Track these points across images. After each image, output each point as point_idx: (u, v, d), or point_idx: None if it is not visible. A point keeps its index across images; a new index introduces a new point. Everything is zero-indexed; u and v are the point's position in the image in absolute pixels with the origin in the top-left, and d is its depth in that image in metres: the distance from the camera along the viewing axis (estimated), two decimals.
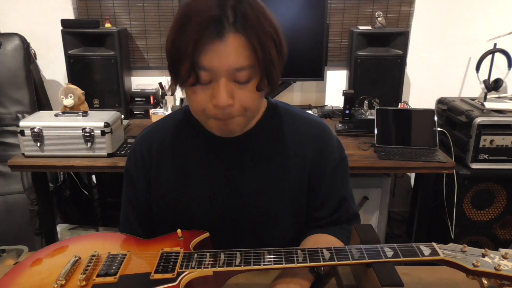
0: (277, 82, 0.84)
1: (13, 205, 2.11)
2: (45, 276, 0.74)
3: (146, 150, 0.96)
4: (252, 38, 0.75)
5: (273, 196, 0.94)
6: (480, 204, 2.04)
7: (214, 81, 0.77)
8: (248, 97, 0.79)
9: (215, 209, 0.94)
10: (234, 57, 0.75)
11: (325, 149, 0.96)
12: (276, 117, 0.96)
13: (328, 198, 0.99)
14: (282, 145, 0.94)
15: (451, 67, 2.45)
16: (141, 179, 0.96)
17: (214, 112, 0.79)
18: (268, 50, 0.77)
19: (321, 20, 2.14)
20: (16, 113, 2.20)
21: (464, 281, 0.78)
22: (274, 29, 0.79)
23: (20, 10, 2.33)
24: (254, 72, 0.78)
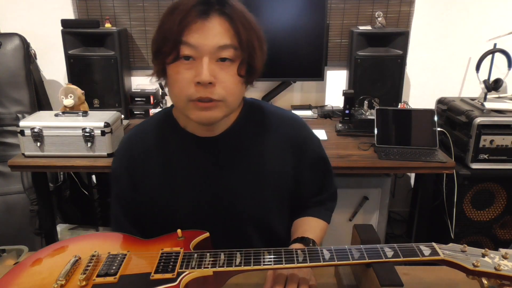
0: (257, 72, 0.87)
1: (13, 205, 2.11)
2: (45, 276, 0.74)
3: (130, 152, 0.97)
4: (236, 22, 0.80)
5: (255, 193, 0.95)
6: (480, 204, 2.04)
7: (197, 59, 0.80)
8: (229, 80, 0.82)
9: (200, 208, 0.95)
10: (218, 35, 0.79)
11: (303, 143, 1.00)
12: (253, 115, 0.98)
13: (312, 185, 1.04)
14: (261, 142, 0.96)
15: (451, 67, 2.45)
16: (127, 180, 0.97)
17: (196, 91, 0.80)
18: (251, 38, 0.82)
19: (321, 20, 2.14)
20: (16, 113, 2.20)
21: (464, 281, 0.78)
22: (257, 26, 0.85)
23: (20, 10, 2.33)
24: (236, 54, 0.82)
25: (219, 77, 0.81)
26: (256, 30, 0.85)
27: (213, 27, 0.79)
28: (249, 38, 0.82)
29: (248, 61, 0.83)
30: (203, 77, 0.78)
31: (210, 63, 0.80)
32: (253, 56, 0.84)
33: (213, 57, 0.80)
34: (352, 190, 2.10)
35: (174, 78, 0.82)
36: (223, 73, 0.81)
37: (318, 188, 1.06)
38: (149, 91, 2.36)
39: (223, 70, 0.81)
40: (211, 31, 0.79)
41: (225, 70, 0.81)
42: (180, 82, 0.81)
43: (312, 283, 0.83)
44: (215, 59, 0.80)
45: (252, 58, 0.84)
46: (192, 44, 0.78)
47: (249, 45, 0.82)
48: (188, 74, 0.81)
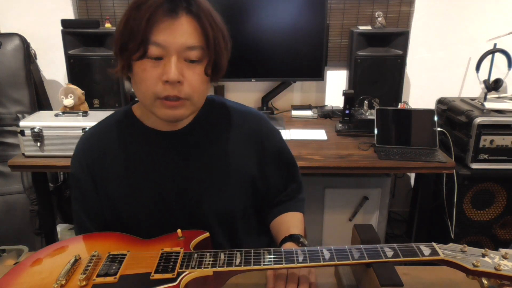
0: (222, 71, 0.88)
1: (13, 205, 2.11)
2: (45, 276, 0.74)
3: (89, 153, 0.96)
4: (204, 22, 0.80)
5: (216, 185, 0.96)
6: (480, 204, 2.04)
7: (165, 57, 0.80)
8: (196, 79, 0.83)
9: (163, 203, 0.95)
10: (186, 35, 0.79)
11: (264, 137, 1.01)
12: (215, 110, 0.99)
13: (277, 178, 1.05)
14: (223, 136, 0.98)
15: (451, 67, 2.45)
16: (88, 181, 0.96)
17: (164, 89, 0.81)
18: (218, 37, 0.83)
19: (321, 20, 2.14)
20: (16, 113, 2.20)
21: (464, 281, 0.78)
22: (222, 25, 0.85)
23: (20, 10, 2.33)
24: (203, 54, 0.82)
25: (186, 76, 0.82)
26: (222, 29, 0.86)
27: (181, 26, 0.79)
28: (216, 37, 0.83)
29: (214, 60, 0.84)
30: (171, 76, 0.79)
31: (178, 62, 0.80)
32: (219, 55, 0.85)
33: (181, 56, 0.80)
34: (352, 190, 2.11)
35: (141, 76, 0.82)
36: (190, 72, 0.82)
37: (283, 180, 1.07)
38: None
39: (190, 69, 0.82)
40: (179, 30, 0.79)
41: (192, 69, 0.82)
42: (147, 80, 0.81)
43: (312, 281, 0.83)
44: (183, 58, 0.81)
45: (218, 57, 0.85)
46: (160, 43, 0.78)
47: (216, 45, 0.83)
48: (155, 72, 0.81)
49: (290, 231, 0.96)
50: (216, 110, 0.99)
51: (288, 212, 1.06)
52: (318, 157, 1.77)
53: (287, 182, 1.09)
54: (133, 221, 0.95)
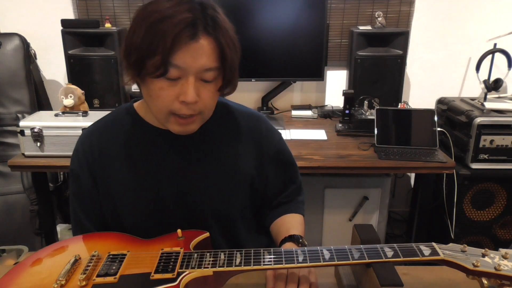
0: (235, 85, 0.91)
1: (13, 205, 2.11)
2: (45, 276, 0.74)
3: (88, 150, 0.96)
4: (222, 43, 0.81)
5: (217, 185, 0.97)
6: (480, 204, 2.04)
7: (183, 78, 0.81)
8: (210, 97, 0.86)
9: (163, 202, 0.95)
10: (206, 58, 0.80)
11: (264, 137, 1.02)
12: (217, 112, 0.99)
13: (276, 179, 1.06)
14: (224, 137, 0.99)
15: (451, 67, 2.45)
16: (86, 177, 0.96)
17: (179, 108, 0.83)
18: (234, 57, 0.85)
19: (321, 20, 2.14)
20: (16, 113, 2.20)
21: (464, 281, 0.78)
22: (237, 43, 0.87)
23: (20, 10, 2.33)
24: (218, 74, 0.84)
25: (201, 95, 0.84)
26: (238, 48, 0.87)
27: (201, 48, 0.80)
28: (232, 58, 0.84)
29: (228, 79, 0.86)
30: (189, 98, 0.81)
31: (196, 81, 0.82)
32: (233, 73, 0.86)
33: (198, 76, 0.82)
34: (352, 190, 2.11)
35: (157, 93, 0.83)
36: (205, 91, 0.84)
37: (282, 181, 1.08)
38: None
39: (206, 88, 0.84)
40: (199, 52, 0.79)
41: (207, 88, 0.84)
42: (164, 98, 0.83)
43: (313, 281, 0.83)
44: (199, 78, 0.82)
45: (232, 76, 0.87)
46: (181, 66, 0.79)
47: (232, 65, 0.85)
48: (172, 91, 0.82)
49: (290, 232, 0.96)
50: (217, 110, 0.99)
51: (288, 214, 1.06)
52: (318, 157, 1.78)
53: (286, 183, 1.09)
54: (132, 219, 0.95)
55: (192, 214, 0.96)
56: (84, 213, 0.98)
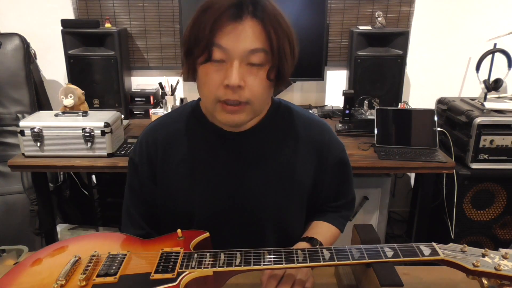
0: (287, 76, 0.86)
1: (13, 205, 2.11)
2: (45, 276, 0.74)
3: (152, 142, 0.96)
4: (268, 26, 0.79)
5: (276, 192, 0.95)
6: (480, 204, 2.04)
7: (227, 61, 0.80)
8: (258, 84, 0.82)
9: (217, 202, 0.94)
10: (250, 39, 0.78)
11: (326, 148, 0.99)
12: (280, 115, 0.98)
13: (329, 189, 1.03)
14: (285, 142, 0.96)
15: (451, 67, 2.45)
16: (145, 169, 0.97)
17: (224, 93, 0.81)
18: (283, 42, 0.81)
19: (321, 20, 2.14)
20: (16, 113, 2.20)
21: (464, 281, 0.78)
22: (289, 30, 0.83)
23: (20, 10, 2.33)
24: (266, 59, 0.81)
25: (248, 81, 0.81)
26: (289, 34, 0.83)
27: (245, 30, 0.78)
28: (280, 43, 0.81)
29: (278, 66, 0.83)
30: (232, 81, 0.78)
31: (240, 67, 0.79)
32: (283, 61, 0.83)
33: (244, 61, 0.80)
34: None
35: (204, 80, 0.82)
36: (252, 77, 0.81)
37: (335, 192, 1.05)
38: (149, 91, 2.36)
39: (253, 74, 0.81)
40: (242, 34, 0.78)
41: (254, 74, 0.81)
42: (209, 84, 0.82)
43: (308, 286, 0.82)
44: (245, 63, 0.80)
45: (282, 63, 0.83)
46: (224, 47, 0.78)
47: (280, 50, 0.81)
48: (217, 76, 0.80)
49: (314, 235, 0.95)
50: (281, 115, 0.98)
51: (325, 223, 1.04)
52: None
53: (339, 196, 1.06)
54: (187, 217, 0.94)
55: (246, 217, 0.95)
56: (135, 205, 0.99)
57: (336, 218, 1.06)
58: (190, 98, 2.42)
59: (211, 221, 0.93)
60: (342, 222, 1.07)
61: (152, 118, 2.25)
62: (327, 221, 1.04)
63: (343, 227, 1.07)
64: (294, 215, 0.99)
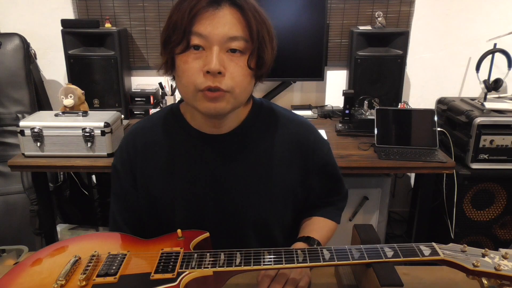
0: (267, 66, 0.86)
1: (13, 205, 2.11)
2: (45, 276, 0.74)
3: (132, 147, 0.96)
4: (248, 14, 0.79)
5: (258, 195, 0.94)
6: (480, 204, 2.04)
7: (207, 49, 0.79)
8: (238, 71, 0.81)
9: (199, 205, 0.94)
10: (229, 25, 0.78)
11: (312, 148, 0.98)
12: (262, 115, 0.96)
13: (320, 190, 1.03)
14: (268, 143, 0.95)
15: (451, 67, 2.45)
16: (127, 175, 0.96)
17: (205, 81, 0.79)
18: (262, 30, 0.82)
19: (321, 20, 2.14)
20: (16, 113, 2.19)
21: (464, 281, 0.78)
22: (268, 21, 0.84)
23: (20, 10, 2.33)
24: (246, 46, 0.81)
25: (228, 68, 0.80)
26: (267, 23, 0.84)
27: (224, 17, 0.78)
28: (259, 30, 0.81)
29: (258, 54, 0.82)
30: (212, 66, 0.77)
31: (220, 53, 0.79)
32: (263, 48, 0.83)
33: (223, 48, 0.79)
34: (352, 190, 2.10)
35: (183, 68, 0.81)
36: (232, 64, 0.80)
37: (326, 192, 1.05)
38: (149, 91, 2.36)
39: (233, 61, 0.80)
40: (221, 21, 0.78)
41: (234, 61, 0.80)
42: (188, 72, 0.80)
43: (302, 285, 0.82)
44: (225, 50, 0.79)
45: (262, 51, 0.83)
46: (202, 33, 0.77)
47: (260, 37, 0.81)
48: (197, 63, 0.79)
49: (311, 234, 0.95)
50: (263, 115, 0.96)
51: (321, 218, 1.03)
52: None
53: (330, 194, 1.06)
54: (169, 220, 0.94)
55: (230, 221, 0.94)
56: (120, 212, 0.99)
57: (331, 211, 1.06)
58: None
59: (193, 225, 0.92)
60: (337, 214, 1.07)
61: None
62: (322, 215, 1.04)
63: (339, 218, 1.07)
64: (276, 217, 0.98)
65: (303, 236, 0.95)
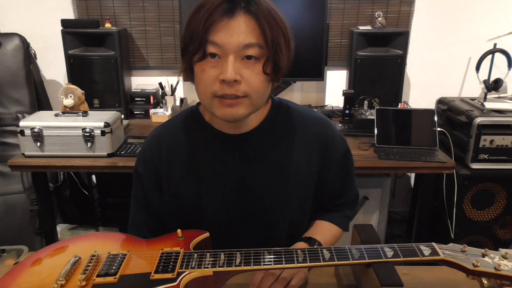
0: (283, 70, 0.86)
1: (13, 205, 2.11)
2: (45, 276, 0.74)
3: (156, 151, 0.96)
4: (262, 21, 0.80)
5: (280, 191, 0.95)
6: (480, 204, 2.04)
7: (222, 57, 0.80)
8: (254, 78, 0.82)
9: (225, 205, 0.95)
10: (244, 33, 0.79)
11: (328, 143, 0.99)
12: (281, 114, 0.98)
13: (333, 189, 1.03)
14: (287, 141, 0.96)
15: (451, 67, 2.45)
16: (150, 179, 0.97)
17: (221, 88, 0.80)
18: (277, 36, 0.82)
19: (321, 20, 2.14)
20: (16, 113, 2.20)
21: (464, 281, 0.78)
22: (283, 24, 0.84)
23: (20, 10, 2.33)
24: (262, 53, 0.81)
25: (244, 75, 0.80)
26: (283, 27, 0.84)
27: (238, 26, 0.79)
28: (274, 36, 0.81)
29: (273, 59, 0.83)
30: (228, 75, 0.78)
31: (235, 61, 0.79)
32: (278, 54, 0.83)
33: (239, 55, 0.80)
34: None
35: (200, 76, 0.83)
36: (248, 71, 0.81)
37: (340, 187, 1.05)
38: (149, 91, 2.36)
39: (249, 68, 0.81)
40: (236, 30, 0.78)
41: (250, 68, 0.81)
42: (205, 80, 0.81)
43: (293, 283, 0.82)
44: (240, 57, 0.80)
45: (277, 56, 0.83)
46: (218, 43, 0.78)
47: (275, 43, 0.82)
48: (213, 72, 0.80)
49: (313, 235, 0.96)
50: (282, 114, 0.97)
51: (327, 222, 1.04)
52: None
53: (342, 192, 1.06)
54: (196, 221, 0.95)
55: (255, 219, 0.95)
56: (141, 215, 0.99)
57: (339, 218, 1.06)
58: (190, 98, 2.42)
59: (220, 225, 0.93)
60: (345, 221, 1.07)
61: (152, 118, 2.25)
62: (329, 220, 1.04)
63: (346, 226, 1.07)
64: (300, 212, 0.99)
65: (304, 237, 0.96)
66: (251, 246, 0.79)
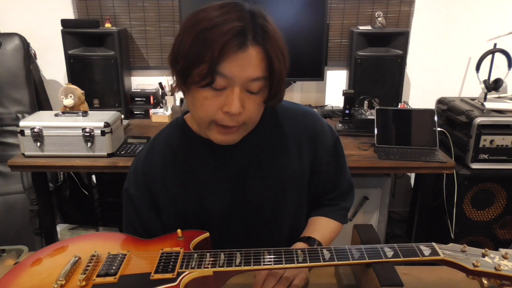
0: (281, 97, 0.87)
1: (13, 205, 2.11)
2: (45, 276, 0.74)
3: (148, 169, 0.95)
4: (270, 51, 0.79)
5: (275, 189, 0.95)
6: (480, 204, 2.04)
7: (228, 88, 0.78)
8: (255, 108, 0.83)
9: (226, 212, 0.95)
10: (253, 68, 0.78)
11: (318, 136, 0.99)
12: (268, 115, 0.97)
13: (326, 181, 1.03)
14: (278, 140, 0.96)
15: (451, 67, 2.45)
16: (145, 199, 0.95)
17: (222, 119, 0.80)
18: (282, 69, 0.82)
19: (321, 20, 2.14)
20: (16, 113, 2.20)
21: (464, 281, 0.78)
22: (286, 51, 0.83)
23: (20, 10, 2.33)
24: (265, 84, 0.81)
25: (246, 106, 0.80)
26: (287, 59, 0.84)
27: (249, 59, 0.77)
28: (280, 69, 0.81)
29: (275, 90, 0.83)
30: (233, 109, 0.78)
31: (241, 92, 0.79)
32: (280, 85, 0.83)
33: (243, 87, 0.79)
34: None
35: (201, 102, 0.81)
36: (250, 102, 0.81)
37: (333, 179, 1.05)
38: (149, 91, 2.36)
39: (251, 99, 0.81)
40: (247, 63, 0.77)
41: (252, 99, 0.81)
42: (207, 108, 0.80)
43: (296, 283, 0.82)
44: (245, 89, 0.80)
45: (278, 87, 0.83)
46: (227, 75, 0.77)
47: (279, 76, 0.81)
48: (216, 101, 0.79)
49: (312, 234, 0.95)
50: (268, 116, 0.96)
51: (324, 217, 1.04)
52: None
53: (336, 184, 1.06)
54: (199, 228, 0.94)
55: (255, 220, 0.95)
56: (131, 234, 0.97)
57: (335, 211, 1.05)
58: None
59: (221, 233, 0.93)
60: (342, 214, 1.06)
61: (152, 118, 2.25)
62: (326, 215, 1.04)
63: (344, 218, 1.07)
64: (297, 207, 1.00)
65: (303, 236, 0.96)
66: (253, 246, 0.79)
